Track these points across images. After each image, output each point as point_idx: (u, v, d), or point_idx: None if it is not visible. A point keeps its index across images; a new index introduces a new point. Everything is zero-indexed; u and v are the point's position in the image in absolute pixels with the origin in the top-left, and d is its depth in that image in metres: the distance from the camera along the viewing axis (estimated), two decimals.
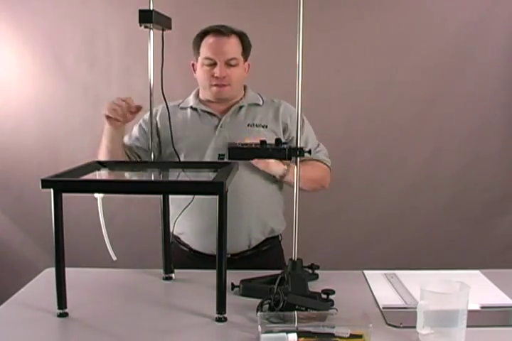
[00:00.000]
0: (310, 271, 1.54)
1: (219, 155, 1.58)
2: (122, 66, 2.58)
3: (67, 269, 1.27)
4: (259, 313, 1.22)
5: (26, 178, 2.56)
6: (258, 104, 1.85)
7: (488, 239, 2.72)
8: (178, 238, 1.86)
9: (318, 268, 1.55)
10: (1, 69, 2.61)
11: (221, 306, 1.25)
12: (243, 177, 1.70)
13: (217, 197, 1.21)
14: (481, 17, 2.57)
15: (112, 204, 1.92)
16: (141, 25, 1.53)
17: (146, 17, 1.47)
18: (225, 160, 1.41)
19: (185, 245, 1.85)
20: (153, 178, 1.62)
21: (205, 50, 1.78)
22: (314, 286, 1.43)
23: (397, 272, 1.62)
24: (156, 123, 1.84)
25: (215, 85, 1.77)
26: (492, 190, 2.71)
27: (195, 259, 1.81)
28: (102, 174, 1.55)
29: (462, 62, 2.60)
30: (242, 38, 1.80)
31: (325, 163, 1.88)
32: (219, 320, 1.25)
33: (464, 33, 2.58)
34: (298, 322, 1.18)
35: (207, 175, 1.54)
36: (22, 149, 2.64)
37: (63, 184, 1.26)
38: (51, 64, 2.58)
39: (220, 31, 1.75)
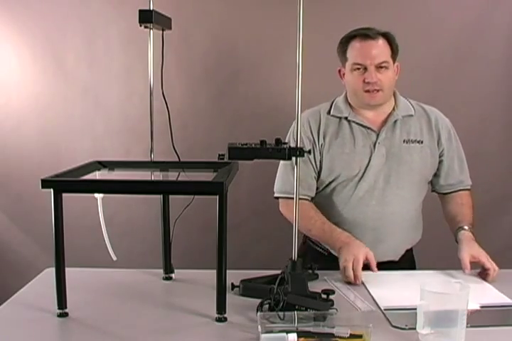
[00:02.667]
0: (310, 271, 1.54)
1: (219, 155, 1.57)
2: (122, 66, 2.58)
3: (67, 269, 1.27)
4: (259, 313, 1.22)
5: (26, 178, 2.56)
6: (411, 115, 1.79)
7: (488, 239, 2.71)
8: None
9: (318, 268, 1.55)
10: (1, 69, 2.61)
11: (221, 306, 1.25)
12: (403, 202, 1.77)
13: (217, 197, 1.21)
14: (481, 17, 2.57)
15: (112, 204, 1.92)
16: (141, 25, 1.53)
17: (146, 17, 1.47)
18: (225, 160, 1.41)
19: (322, 248, 1.83)
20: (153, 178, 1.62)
21: (353, 56, 1.72)
22: (314, 286, 1.43)
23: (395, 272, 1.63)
24: (318, 135, 1.77)
25: (367, 91, 1.71)
26: (492, 190, 2.71)
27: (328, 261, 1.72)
28: (102, 174, 1.55)
29: (462, 62, 2.60)
30: (390, 39, 1.74)
31: (469, 189, 1.90)
32: (219, 320, 1.25)
33: (464, 33, 2.58)
34: (298, 322, 1.18)
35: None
36: (22, 149, 2.64)
37: (63, 184, 1.27)
38: (51, 64, 2.58)
39: (366, 35, 1.69)
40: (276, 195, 1.86)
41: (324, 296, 1.34)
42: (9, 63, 2.60)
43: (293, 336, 1.11)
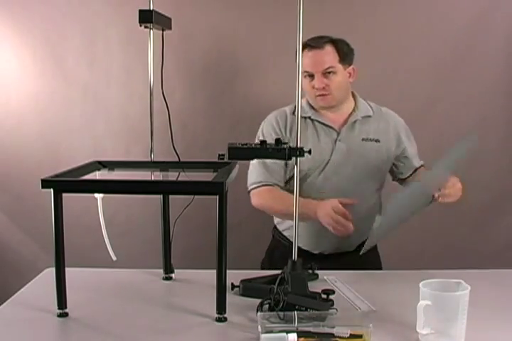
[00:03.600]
0: (310, 271, 1.54)
1: (219, 155, 1.57)
2: (122, 66, 2.58)
3: (67, 269, 1.27)
4: (259, 313, 1.22)
5: (26, 178, 2.56)
6: (370, 116, 1.94)
7: (488, 239, 2.72)
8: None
9: (318, 268, 1.55)
10: (0, 70, 2.61)
11: (221, 306, 1.25)
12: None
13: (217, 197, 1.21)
14: (481, 17, 2.57)
15: (112, 204, 1.92)
16: (141, 25, 1.53)
17: (146, 17, 1.47)
18: (225, 160, 1.41)
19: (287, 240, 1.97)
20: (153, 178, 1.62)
21: (303, 64, 1.79)
22: (314, 286, 1.43)
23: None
24: (285, 132, 1.92)
25: (319, 95, 1.86)
26: (492, 190, 2.71)
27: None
28: (102, 174, 1.55)
29: (462, 62, 2.60)
30: (339, 45, 1.88)
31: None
32: (219, 320, 1.25)
33: (464, 33, 2.58)
34: (298, 322, 1.18)
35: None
36: (22, 149, 2.64)
37: (63, 184, 1.27)
38: (51, 64, 2.58)
39: (312, 45, 1.84)
40: (250, 187, 1.92)
41: (324, 296, 1.34)
42: (9, 63, 2.60)
43: (293, 336, 1.11)
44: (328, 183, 1.87)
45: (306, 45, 1.84)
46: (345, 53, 1.89)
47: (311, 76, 1.85)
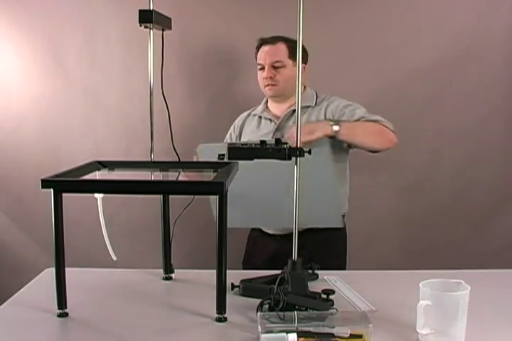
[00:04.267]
0: (310, 271, 1.54)
1: (219, 155, 1.58)
2: (122, 66, 2.58)
3: (67, 269, 1.27)
4: (259, 313, 1.22)
5: (26, 178, 2.56)
6: (309, 106, 2.05)
7: (488, 239, 2.72)
8: None
9: (318, 268, 1.55)
10: (1, 70, 2.61)
11: (221, 306, 1.25)
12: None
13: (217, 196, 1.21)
14: (481, 17, 2.57)
15: (112, 204, 1.92)
16: (141, 25, 1.53)
17: (146, 17, 1.47)
18: (225, 160, 1.41)
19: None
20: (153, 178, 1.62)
21: (258, 58, 2.10)
22: (314, 286, 1.43)
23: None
24: (240, 131, 2.18)
25: (267, 85, 2.05)
26: (492, 191, 2.71)
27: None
28: (102, 174, 1.55)
29: (462, 62, 2.60)
30: (291, 43, 2.02)
31: (382, 124, 1.95)
32: (219, 320, 1.25)
33: (463, 33, 2.58)
34: (298, 322, 1.18)
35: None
36: (22, 149, 2.64)
37: (63, 184, 1.26)
38: (51, 64, 2.58)
39: (266, 41, 2.07)
40: None
41: (324, 296, 1.34)
42: (10, 63, 2.60)
43: (293, 336, 1.11)
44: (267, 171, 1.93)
45: (262, 42, 2.08)
46: (295, 50, 1.89)
47: (263, 68, 2.05)
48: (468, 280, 1.17)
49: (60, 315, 1.28)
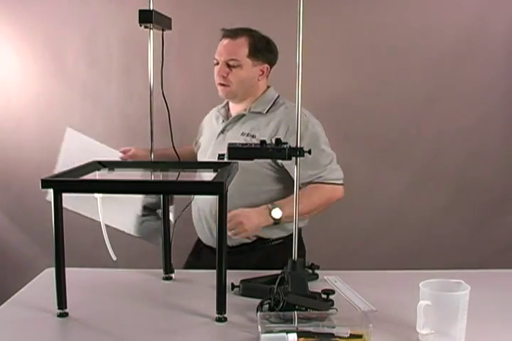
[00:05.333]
0: (310, 271, 1.54)
1: (219, 155, 1.58)
2: (122, 66, 2.58)
3: (67, 269, 1.27)
4: (259, 313, 1.22)
5: (26, 178, 2.56)
6: (261, 113, 1.84)
7: (488, 239, 2.72)
8: None
9: (318, 268, 1.55)
10: (1, 69, 2.61)
11: (221, 306, 1.25)
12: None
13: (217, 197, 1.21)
14: (481, 17, 2.57)
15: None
16: (141, 25, 1.53)
17: (146, 17, 1.47)
18: (225, 160, 1.41)
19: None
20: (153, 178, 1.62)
21: (216, 51, 1.88)
22: (314, 286, 1.43)
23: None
24: (202, 126, 2.08)
25: (219, 84, 1.85)
26: (492, 190, 2.71)
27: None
28: (102, 174, 1.55)
29: (462, 62, 2.60)
30: (255, 41, 1.82)
31: (328, 183, 1.81)
32: (219, 320, 1.25)
33: (463, 33, 2.58)
34: (298, 322, 1.18)
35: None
36: (22, 149, 2.64)
37: (63, 184, 1.26)
38: (51, 64, 2.58)
39: (227, 34, 1.82)
40: None
41: (324, 296, 1.34)
42: (9, 63, 2.60)
43: (293, 336, 1.11)
44: None
45: (224, 34, 1.85)
46: (257, 49, 1.82)
47: (217, 64, 1.85)
48: (468, 280, 1.17)
49: (60, 315, 1.28)
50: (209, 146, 1.92)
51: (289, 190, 1.72)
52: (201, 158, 1.96)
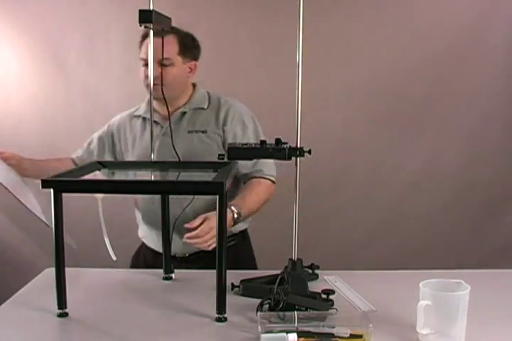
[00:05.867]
0: (310, 271, 1.54)
1: (219, 155, 1.58)
2: (122, 66, 2.58)
3: (67, 269, 1.27)
4: (259, 313, 1.22)
5: (26, 178, 2.56)
6: (203, 108, 1.83)
7: (488, 239, 2.72)
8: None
9: (318, 268, 1.55)
10: (1, 69, 2.61)
11: (221, 306, 1.25)
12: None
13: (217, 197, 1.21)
14: (481, 17, 2.57)
15: (112, 204, 1.92)
16: (141, 25, 1.53)
17: (146, 17, 1.46)
18: (225, 160, 1.41)
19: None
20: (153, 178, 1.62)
21: (141, 51, 1.80)
22: (314, 286, 1.43)
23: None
24: (112, 136, 1.92)
25: (148, 85, 1.70)
26: (492, 190, 2.71)
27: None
28: (102, 174, 1.55)
29: (462, 62, 2.60)
30: (182, 38, 1.79)
31: (269, 179, 1.81)
32: (219, 320, 1.25)
33: (463, 33, 2.58)
34: (298, 322, 1.18)
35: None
36: (22, 149, 2.61)
37: (63, 184, 1.26)
38: (51, 64, 2.58)
39: (155, 32, 1.66)
40: None
41: (324, 296, 1.34)
42: (9, 63, 2.60)
43: (293, 336, 1.11)
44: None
45: (148, 32, 1.68)
46: (186, 47, 1.81)
47: (147, 64, 1.71)
48: (468, 280, 1.17)
49: (60, 315, 1.28)
50: (148, 152, 1.72)
51: (235, 185, 1.82)
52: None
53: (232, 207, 1.64)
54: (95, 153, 1.94)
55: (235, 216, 1.64)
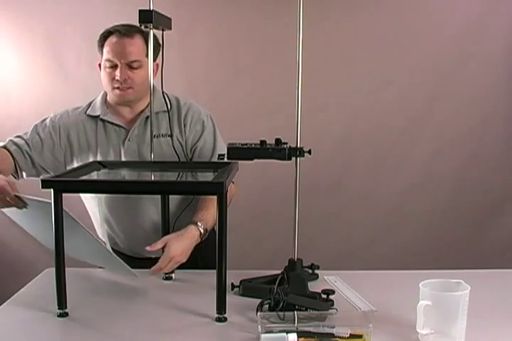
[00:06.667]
0: (310, 271, 1.54)
1: (219, 155, 1.57)
2: None
3: (67, 269, 1.27)
4: (259, 313, 1.22)
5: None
6: (165, 111, 1.72)
7: (488, 239, 2.72)
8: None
9: (318, 268, 1.55)
10: (1, 69, 2.61)
11: (221, 306, 1.25)
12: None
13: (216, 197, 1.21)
14: (481, 17, 2.57)
15: None
16: (141, 25, 1.53)
17: (146, 17, 1.47)
18: (225, 160, 1.41)
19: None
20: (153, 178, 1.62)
21: (106, 52, 1.69)
22: (314, 286, 1.43)
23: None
24: (59, 132, 1.72)
25: (117, 88, 1.67)
26: (492, 191, 2.71)
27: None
28: (102, 174, 1.55)
29: (462, 62, 2.60)
30: (147, 39, 1.65)
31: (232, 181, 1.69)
32: (219, 320, 1.25)
33: (463, 33, 2.58)
34: (298, 322, 1.18)
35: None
36: None
37: (63, 184, 1.26)
38: (51, 64, 2.58)
39: (121, 32, 1.65)
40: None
41: (324, 296, 1.34)
42: (10, 63, 2.60)
43: (293, 336, 1.11)
44: None
45: (114, 31, 1.67)
46: (154, 47, 1.69)
47: (113, 67, 1.67)
48: (468, 280, 1.17)
49: (60, 315, 1.28)
50: (116, 157, 1.71)
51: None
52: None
53: (199, 223, 1.55)
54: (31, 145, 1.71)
55: (202, 232, 1.55)
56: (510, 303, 1.39)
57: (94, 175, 1.49)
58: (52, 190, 1.23)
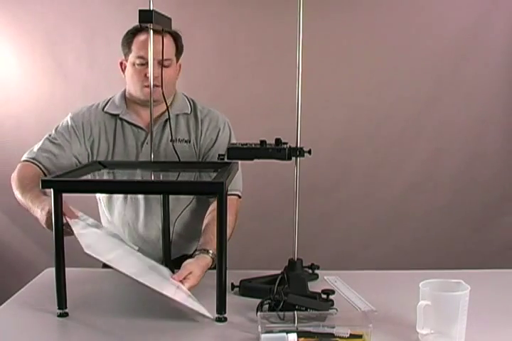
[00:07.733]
0: (310, 271, 1.54)
1: (219, 155, 1.57)
2: None
3: (67, 269, 1.27)
4: (259, 313, 1.22)
5: None
6: (186, 113, 1.72)
7: (488, 239, 2.72)
8: None
9: (318, 268, 1.55)
10: (0, 69, 2.61)
11: (221, 306, 1.25)
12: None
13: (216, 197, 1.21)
14: (481, 17, 2.57)
15: None
16: (141, 26, 1.53)
17: (146, 17, 1.47)
18: (225, 160, 1.41)
19: None
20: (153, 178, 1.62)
21: (137, 49, 1.64)
22: (314, 286, 1.43)
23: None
24: (83, 130, 1.69)
25: (147, 86, 1.61)
26: (492, 191, 2.71)
27: None
28: (102, 174, 1.55)
29: (462, 62, 2.60)
30: (176, 38, 1.70)
31: (236, 194, 1.70)
32: (219, 320, 1.25)
33: (463, 34, 2.58)
34: (298, 322, 1.18)
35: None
36: (22, 149, 2.63)
37: (63, 184, 1.26)
38: (51, 64, 2.58)
39: (154, 29, 1.58)
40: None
41: (324, 296, 1.34)
42: (9, 63, 2.60)
43: (293, 336, 1.11)
44: None
45: (143, 29, 1.62)
46: (181, 47, 1.73)
47: (144, 64, 1.62)
48: (468, 280, 1.17)
49: (60, 315, 1.28)
50: (132, 159, 1.69)
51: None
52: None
53: (210, 252, 1.44)
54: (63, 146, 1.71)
55: (213, 257, 1.44)
56: (510, 303, 1.39)
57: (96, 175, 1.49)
58: (52, 190, 1.23)
